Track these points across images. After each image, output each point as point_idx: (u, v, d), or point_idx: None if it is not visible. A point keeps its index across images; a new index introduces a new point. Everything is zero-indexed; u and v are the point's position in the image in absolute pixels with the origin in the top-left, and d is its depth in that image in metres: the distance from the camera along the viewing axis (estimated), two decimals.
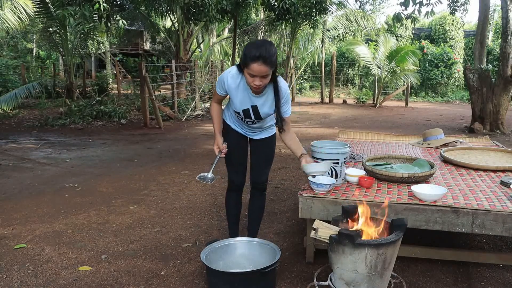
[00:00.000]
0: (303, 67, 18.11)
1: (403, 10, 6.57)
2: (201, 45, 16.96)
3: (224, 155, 2.60)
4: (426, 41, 18.80)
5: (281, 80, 2.43)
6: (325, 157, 2.61)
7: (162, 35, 14.48)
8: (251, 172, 2.75)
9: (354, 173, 2.72)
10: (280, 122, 2.48)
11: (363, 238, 1.95)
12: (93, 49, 17.11)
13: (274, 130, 2.70)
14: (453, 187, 2.61)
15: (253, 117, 2.49)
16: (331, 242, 1.93)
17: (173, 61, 11.47)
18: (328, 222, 2.10)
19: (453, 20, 18.64)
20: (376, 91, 15.04)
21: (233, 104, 2.48)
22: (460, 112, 12.81)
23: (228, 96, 2.52)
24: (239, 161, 2.70)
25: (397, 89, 15.95)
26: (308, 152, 2.57)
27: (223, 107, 2.70)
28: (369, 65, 14.92)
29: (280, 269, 2.56)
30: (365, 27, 15.68)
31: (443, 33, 18.97)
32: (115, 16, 8.94)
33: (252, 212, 2.81)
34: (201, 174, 2.59)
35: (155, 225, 3.42)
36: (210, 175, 2.57)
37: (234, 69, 2.41)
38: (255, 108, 2.45)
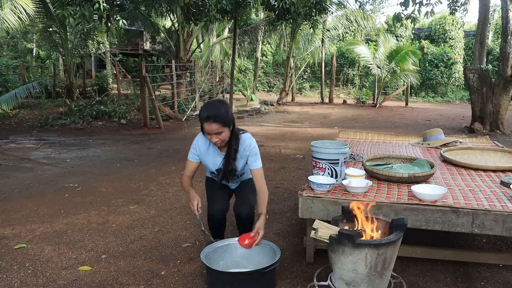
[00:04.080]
0: (303, 67, 18.10)
1: (403, 10, 6.57)
2: (201, 45, 16.94)
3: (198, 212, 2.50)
4: (426, 41, 18.81)
5: (244, 136, 2.51)
6: (325, 157, 2.61)
7: (162, 35, 14.48)
8: (235, 203, 2.64)
9: (354, 173, 2.72)
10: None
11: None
12: (93, 49, 17.12)
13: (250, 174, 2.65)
14: (453, 187, 2.61)
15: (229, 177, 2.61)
16: (331, 242, 1.93)
17: (173, 61, 11.47)
18: (328, 222, 2.10)
19: (453, 20, 18.65)
20: (376, 91, 15.04)
21: (207, 167, 2.64)
22: (460, 112, 12.81)
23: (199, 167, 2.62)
24: (221, 197, 2.66)
25: (397, 89, 15.95)
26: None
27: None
28: (369, 65, 14.92)
29: (280, 269, 2.56)
30: (365, 27, 15.67)
31: (443, 33, 18.98)
32: (115, 16, 8.93)
33: (243, 227, 2.64)
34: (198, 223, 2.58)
35: (155, 225, 3.42)
36: (202, 227, 2.55)
37: (201, 134, 2.54)
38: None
